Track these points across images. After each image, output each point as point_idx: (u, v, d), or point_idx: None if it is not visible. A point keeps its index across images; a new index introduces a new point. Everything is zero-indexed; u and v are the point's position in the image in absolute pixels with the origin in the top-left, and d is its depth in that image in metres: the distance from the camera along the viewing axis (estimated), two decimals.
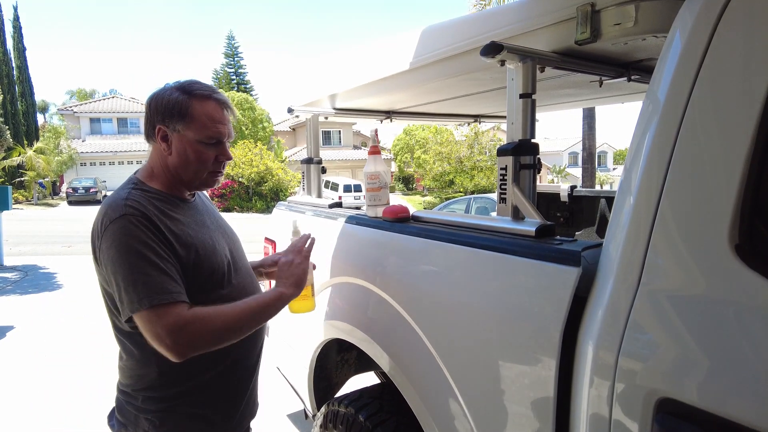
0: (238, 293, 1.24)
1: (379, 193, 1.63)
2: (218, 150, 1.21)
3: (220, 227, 1.33)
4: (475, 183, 22.59)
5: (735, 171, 0.70)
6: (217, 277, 1.21)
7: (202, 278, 1.17)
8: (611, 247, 0.87)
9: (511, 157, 1.16)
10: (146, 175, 1.22)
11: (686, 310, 0.74)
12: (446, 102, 2.25)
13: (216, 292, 1.20)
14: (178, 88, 1.18)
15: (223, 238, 1.30)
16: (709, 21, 0.76)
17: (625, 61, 1.44)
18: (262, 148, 22.96)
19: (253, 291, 1.34)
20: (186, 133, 1.16)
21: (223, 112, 1.20)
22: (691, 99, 0.77)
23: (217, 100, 1.19)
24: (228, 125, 1.22)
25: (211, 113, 1.18)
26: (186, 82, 1.20)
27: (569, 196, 2.88)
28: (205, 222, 1.27)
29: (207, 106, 1.17)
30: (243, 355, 1.30)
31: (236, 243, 1.38)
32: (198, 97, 1.17)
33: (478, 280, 1.15)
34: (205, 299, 1.14)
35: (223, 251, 1.25)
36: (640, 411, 0.75)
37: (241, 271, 1.32)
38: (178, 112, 1.15)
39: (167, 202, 1.19)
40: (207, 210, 1.34)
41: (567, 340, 0.89)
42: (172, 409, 1.19)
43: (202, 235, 1.22)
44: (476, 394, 1.11)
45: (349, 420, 1.56)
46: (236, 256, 1.33)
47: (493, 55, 1.11)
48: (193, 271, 1.15)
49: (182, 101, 1.15)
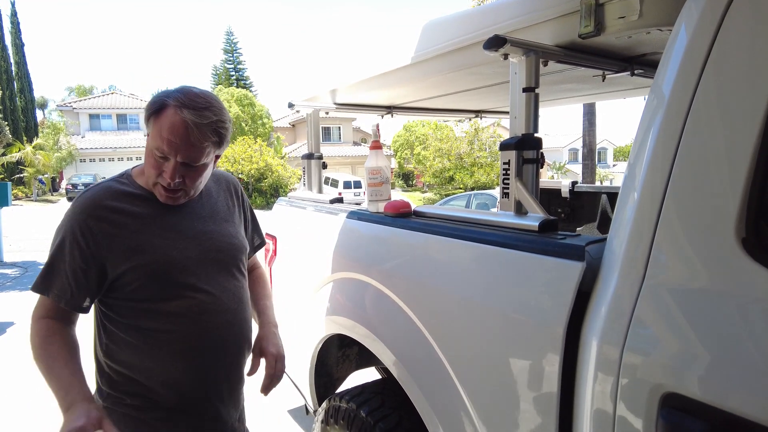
0: (192, 314, 1.19)
1: (381, 188, 1.63)
2: (165, 166, 1.13)
3: (203, 234, 1.25)
4: (475, 179, 22.55)
5: (741, 165, 0.70)
6: (158, 286, 1.16)
7: (146, 283, 1.15)
8: (615, 241, 0.87)
9: (514, 151, 1.16)
10: (138, 170, 1.23)
11: (691, 304, 0.74)
12: (448, 97, 2.24)
13: (155, 303, 1.17)
14: (172, 91, 1.14)
15: (196, 247, 1.22)
16: (715, 14, 0.75)
17: (628, 55, 1.43)
18: (262, 145, 22.92)
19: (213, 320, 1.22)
20: (150, 138, 1.13)
21: (186, 131, 1.08)
22: (696, 93, 0.76)
23: (185, 118, 1.08)
24: (187, 148, 1.10)
25: (171, 126, 1.08)
26: (182, 88, 1.15)
27: (570, 192, 2.88)
28: (177, 226, 1.21)
29: (173, 118, 1.08)
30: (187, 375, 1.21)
31: (223, 258, 1.28)
32: (171, 105, 1.09)
33: (481, 275, 1.14)
34: (145, 308, 1.16)
35: (181, 261, 1.18)
36: (644, 406, 0.75)
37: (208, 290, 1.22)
38: (149, 114, 1.12)
39: (137, 199, 1.18)
40: (198, 213, 1.26)
41: (571, 336, 0.88)
42: (110, 408, 1.19)
43: (161, 239, 1.17)
44: (479, 389, 1.11)
45: (350, 415, 1.56)
46: (210, 270, 1.23)
47: (496, 48, 1.11)
48: (131, 272, 1.14)
49: (157, 104, 1.11)
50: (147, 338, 1.17)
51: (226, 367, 1.27)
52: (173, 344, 1.18)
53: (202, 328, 1.20)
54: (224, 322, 1.24)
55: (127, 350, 1.18)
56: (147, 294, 1.16)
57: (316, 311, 1.83)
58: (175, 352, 1.18)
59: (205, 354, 1.22)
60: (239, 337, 1.29)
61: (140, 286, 1.15)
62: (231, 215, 1.37)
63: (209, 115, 1.11)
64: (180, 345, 1.18)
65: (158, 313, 1.17)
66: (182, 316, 1.18)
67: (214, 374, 1.24)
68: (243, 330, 1.30)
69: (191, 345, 1.20)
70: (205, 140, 1.11)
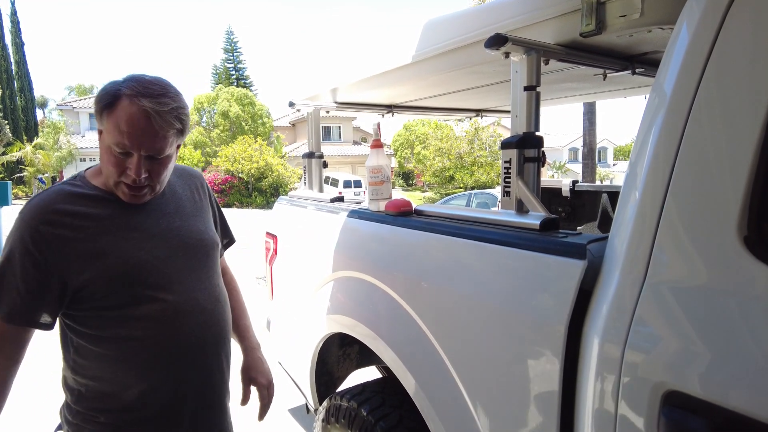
0: (167, 318, 1.12)
1: (382, 187, 1.63)
2: (128, 162, 1.04)
3: (170, 231, 1.16)
4: (475, 179, 22.55)
5: (743, 163, 0.70)
6: (127, 291, 1.08)
7: (113, 290, 1.07)
8: (617, 240, 0.87)
9: (516, 150, 1.16)
10: (93, 171, 1.14)
11: (693, 302, 0.74)
12: (448, 96, 2.24)
13: (126, 310, 1.08)
14: (121, 81, 1.03)
15: (164, 245, 1.14)
16: (717, 13, 0.75)
17: (629, 53, 1.43)
18: (262, 144, 22.93)
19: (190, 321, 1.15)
20: (105, 133, 1.03)
21: (148, 121, 1.00)
22: (698, 92, 0.76)
23: (144, 107, 1.00)
24: (150, 139, 1.02)
25: (130, 118, 0.99)
26: (132, 77, 1.04)
27: (571, 191, 2.88)
28: (141, 225, 1.12)
29: (130, 108, 0.99)
30: (167, 381, 1.15)
31: (194, 255, 1.20)
32: (126, 96, 1.00)
33: (482, 273, 1.14)
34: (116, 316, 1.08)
35: (149, 261, 1.10)
36: (646, 404, 0.75)
37: (182, 290, 1.15)
38: (101, 107, 1.02)
39: (94, 201, 1.08)
40: (163, 210, 1.18)
41: (572, 334, 0.88)
42: (81, 426, 1.12)
43: (125, 241, 1.09)
44: (480, 388, 1.11)
45: (351, 414, 1.56)
46: (181, 268, 1.16)
47: (497, 47, 1.11)
48: (96, 279, 1.05)
49: (109, 96, 1.01)
50: (120, 348, 1.09)
51: (206, 370, 1.21)
52: (149, 351, 1.11)
53: (178, 332, 1.13)
54: (201, 323, 1.17)
55: (99, 363, 1.10)
56: (115, 301, 1.07)
57: (317, 310, 1.83)
58: (151, 360, 1.11)
59: (183, 358, 1.15)
60: (218, 338, 1.23)
61: (107, 293, 1.06)
62: (198, 210, 1.28)
63: (168, 102, 1.03)
64: (156, 351, 1.11)
65: (130, 320, 1.09)
66: (156, 320, 1.10)
67: (193, 379, 1.18)
68: (221, 330, 1.24)
69: (168, 350, 1.12)
70: (169, 129, 1.03)
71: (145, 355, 1.11)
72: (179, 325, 1.13)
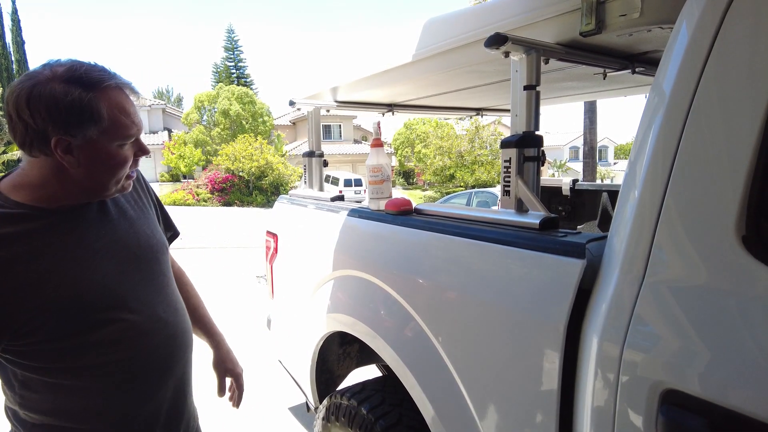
0: (128, 340, 1.02)
1: (382, 186, 1.63)
2: (136, 146, 1.00)
3: (116, 243, 1.04)
4: (476, 177, 22.56)
5: (742, 163, 0.70)
6: (79, 317, 0.95)
7: (64, 318, 0.93)
8: (616, 239, 0.87)
9: (515, 149, 1.16)
10: (12, 183, 0.95)
11: (691, 301, 0.74)
12: (449, 95, 2.24)
13: (84, 336, 0.96)
14: (68, 80, 0.88)
15: (111, 260, 1.02)
16: (717, 12, 0.75)
17: (629, 53, 1.43)
18: (263, 143, 22.91)
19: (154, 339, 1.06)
20: (100, 138, 0.91)
21: (131, 99, 0.96)
22: (697, 91, 0.76)
23: (123, 85, 0.94)
24: (139, 117, 0.99)
25: (123, 105, 0.94)
26: (72, 68, 0.90)
27: (571, 190, 2.88)
28: (83, 241, 0.98)
29: (116, 96, 0.93)
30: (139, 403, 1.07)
31: (145, 265, 1.09)
32: (103, 89, 0.91)
33: (482, 272, 1.15)
34: (72, 345, 0.95)
35: (99, 281, 0.98)
36: (644, 403, 0.75)
37: (139, 307, 1.04)
38: (89, 117, 0.88)
39: (25, 220, 0.92)
40: (104, 219, 1.04)
41: (571, 333, 0.89)
42: None
43: (69, 262, 0.95)
44: (479, 386, 1.11)
45: (351, 413, 1.56)
46: (134, 283, 1.05)
47: (497, 46, 1.11)
48: (42, 311, 0.91)
49: (88, 100, 0.88)
50: (79, 377, 0.97)
51: (176, 382, 1.14)
52: (113, 376, 1.01)
53: (143, 351, 1.04)
54: (165, 338, 1.09)
55: (54, 396, 0.97)
56: (69, 329, 0.94)
57: (317, 309, 1.84)
58: (117, 385, 1.02)
59: (153, 377, 1.07)
60: (184, 347, 1.16)
61: (58, 323, 0.92)
62: (141, 210, 1.16)
63: (123, 76, 0.97)
64: (122, 376, 1.02)
65: (86, 348, 0.96)
66: (117, 343, 1.00)
67: (164, 394, 1.11)
68: (185, 340, 1.17)
69: (134, 372, 1.04)
70: (136, 98, 1.00)
71: (110, 381, 1.01)
72: (143, 344, 1.04)
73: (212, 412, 2.26)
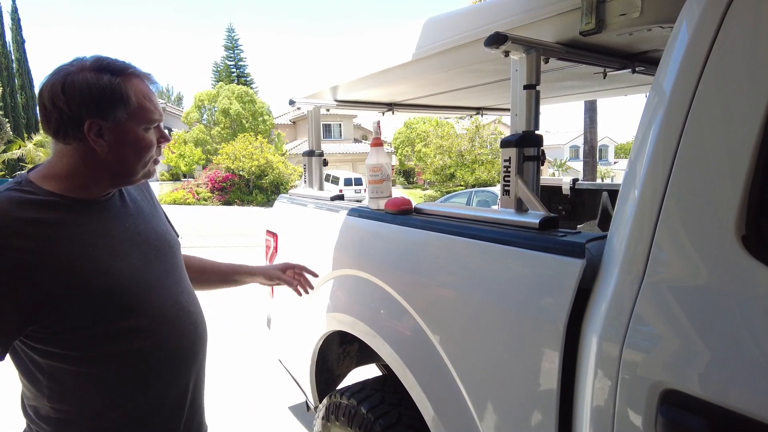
0: (157, 327, 1.05)
1: (382, 185, 1.63)
2: (158, 132, 1.06)
3: (138, 236, 1.09)
4: (476, 176, 22.56)
5: (742, 162, 0.70)
6: (111, 304, 0.98)
7: (85, 303, 0.95)
8: (616, 239, 0.87)
9: (515, 148, 1.16)
10: (42, 174, 0.99)
11: (691, 301, 0.74)
12: (449, 94, 2.24)
13: (115, 324, 0.99)
14: (97, 69, 0.95)
15: (136, 250, 1.06)
16: (717, 12, 0.75)
17: (629, 52, 1.43)
18: (263, 142, 22.91)
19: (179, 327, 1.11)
20: (128, 121, 0.98)
21: (151, 87, 1.04)
22: (697, 90, 0.76)
23: (143, 75, 1.02)
24: (159, 103, 1.06)
25: (147, 93, 1.01)
26: (99, 60, 0.98)
27: (571, 189, 2.88)
28: (110, 231, 1.03)
29: (140, 84, 1.00)
30: (169, 388, 1.11)
31: (165, 257, 1.14)
32: (129, 75, 0.98)
33: (481, 272, 1.14)
34: (103, 332, 0.97)
35: (127, 269, 1.02)
36: (644, 403, 0.75)
37: (165, 295, 1.09)
38: (119, 98, 0.95)
39: (56, 208, 0.96)
40: (126, 212, 1.10)
41: (571, 333, 0.89)
42: None
43: (97, 249, 0.98)
44: (479, 386, 1.11)
45: (351, 412, 1.56)
46: (159, 273, 1.10)
47: (497, 45, 1.11)
48: (74, 297, 0.93)
49: (118, 84, 0.95)
50: (111, 365, 1.00)
51: (199, 370, 1.18)
52: (143, 363, 1.04)
53: (170, 338, 1.08)
54: (188, 326, 1.13)
55: (84, 385, 1.00)
56: (99, 316, 0.97)
57: (317, 308, 1.84)
58: (145, 373, 1.04)
59: (181, 363, 1.11)
60: (203, 338, 1.19)
61: (88, 309, 0.95)
62: (153, 210, 1.22)
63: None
64: (149, 363, 1.05)
65: (118, 334, 1.00)
66: (146, 330, 1.03)
67: (189, 381, 1.14)
68: (204, 331, 1.21)
69: (160, 360, 1.07)
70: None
71: (140, 367, 1.04)
72: (170, 331, 1.08)
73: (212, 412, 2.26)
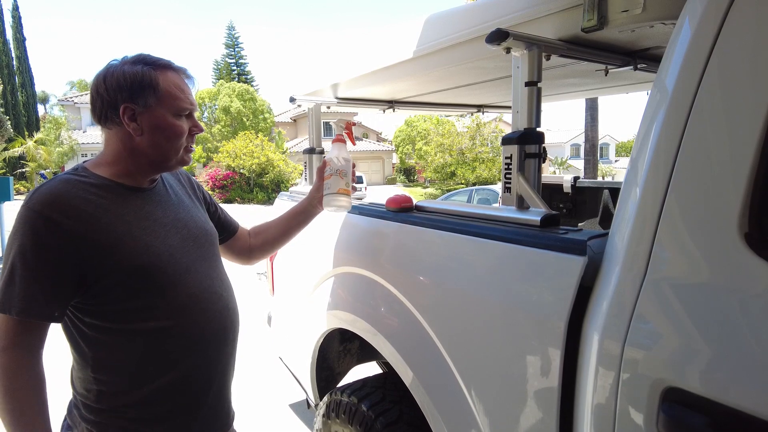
0: (190, 307, 1.13)
1: (330, 181, 1.44)
2: (191, 122, 1.14)
3: (178, 221, 1.18)
4: (476, 174, 22.53)
5: (744, 160, 0.70)
6: (149, 280, 1.07)
7: (125, 278, 1.04)
8: (617, 236, 0.87)
9: (517, 146, 1.15)
10: (94, 162, 1.12)
11: (693, 299, 0.74)
12: (450, 91, 2.23)
13: (151, 300, 1.08)
14: (134, 61, 1.08)
15: (175, 234, 1.15)
16: (720, 8, 0.75)
17: (631, 49, 1.43)
18: (263, 140, 22.90)
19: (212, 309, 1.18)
20: (158, 107, 1.07)
21: (186, 82, 1.14)
22: (700, 88, 0.76)
23: (180, 70, 1.13)
24: (193, 96, 1.16)
25: (179, 84, 1.11)
26: (139, 55, 1.10)
27: (572, 187, 2.88)
28: (152, 215, 1.13)
29: (173, 76, 1.10)
30: (197, 367, 1.16)
31: (202, 245, 1.22)
32: (162, 67, 1.09)
33: (482, 269, 1.14)
34: (141, 307, 1.06)
35: (166, 250, 1.11)
36: (645, 401, 0.75)
37: (199, 279, 1.17)
38: (148, 85, 1.05)
39: (105, 190, 1.07)
40: (168, 201, 1.20)
41: (572, 330, 0.88)
42: (105, 424, 1.09)
43: (140, 230, 1.08)
44: (480, 384, 1.11)
45: (351, 409, 1.56)
46: (195, 258, 1.18)
47: (498, 42, 1.10)
48: (116, 271, 1.03)
49: (148, 73, 1.06)
50: (148, 339, 1.08)
51: (229, 353, 1.25)
52: (178, 340, 1.11)
53: (203, 318, 1.15)
54: (222, 309, 1.20)
55: (125, 357, 1.08)
56: (141, 291, 1.06)
57: (318, 306, 1.83)
58: (181, 349, 1.12)
59: (211, 344, 1.17)
60: (234, 323, 1.26)
61: (130, 283, 1.05)
62: (194, 202, 1.31)
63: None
64: (185, 340, 1.12)
65: (157, 309, 1.08)
66: (182, 308, 1.11)
67: (219, 362, 1.20)
68: (237, 319, 1.27)
69: (196, 337, 1.14)
70: (192, 86, 1.17)
71: (175, 344, 1.11)
72: (203, 311, 1.15)
73: None
